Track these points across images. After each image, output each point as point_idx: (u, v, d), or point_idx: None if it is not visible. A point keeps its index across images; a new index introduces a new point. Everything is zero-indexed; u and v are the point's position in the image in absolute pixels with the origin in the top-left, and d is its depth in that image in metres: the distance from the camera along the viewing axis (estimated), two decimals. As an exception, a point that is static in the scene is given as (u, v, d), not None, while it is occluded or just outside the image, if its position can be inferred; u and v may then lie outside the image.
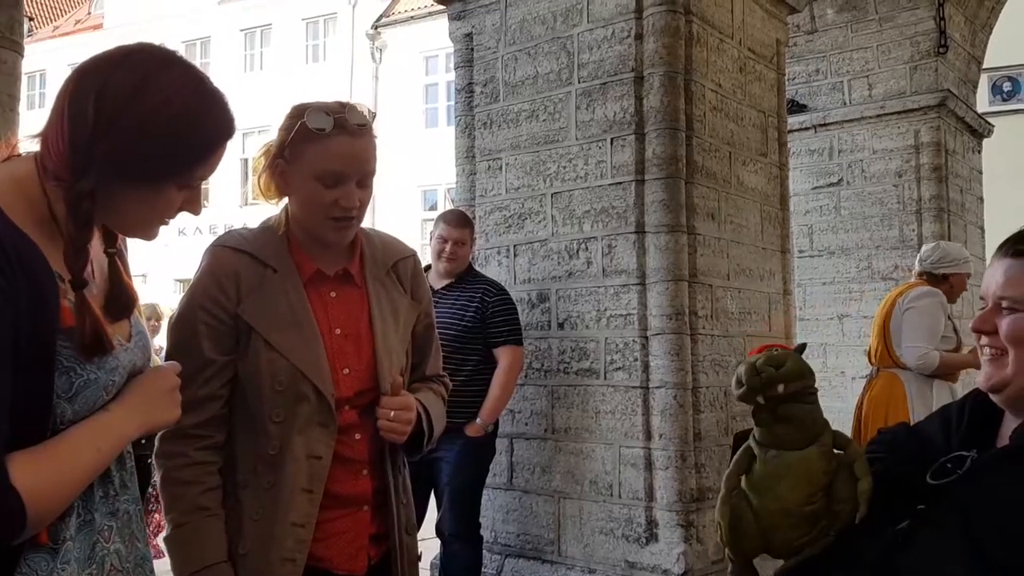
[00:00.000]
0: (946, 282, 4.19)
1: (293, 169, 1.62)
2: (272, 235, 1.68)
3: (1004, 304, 1.19)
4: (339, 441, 1.63)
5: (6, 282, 0.96)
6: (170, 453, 1.57)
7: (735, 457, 1.35)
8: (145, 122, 1.04)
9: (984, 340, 1.22)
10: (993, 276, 1.22)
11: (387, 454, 1.69)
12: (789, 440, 1.28)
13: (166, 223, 1.17)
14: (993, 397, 1.22)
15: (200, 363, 1.57)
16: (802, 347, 1.35)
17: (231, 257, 1.63)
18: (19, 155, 1.11)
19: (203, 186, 1.19)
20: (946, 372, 4.06)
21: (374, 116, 1.66)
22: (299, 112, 1.62)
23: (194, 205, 1.15)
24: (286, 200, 1.70)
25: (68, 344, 1.04)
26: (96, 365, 1.08)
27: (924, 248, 4.44)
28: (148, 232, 1.16)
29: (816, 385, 1.31)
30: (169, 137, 1.05)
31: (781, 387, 1.25)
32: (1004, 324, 1.18)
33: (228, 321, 1.60)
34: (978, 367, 4.14)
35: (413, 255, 1.84)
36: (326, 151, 1.58)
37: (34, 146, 1.09)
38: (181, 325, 1.60)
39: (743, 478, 1.33)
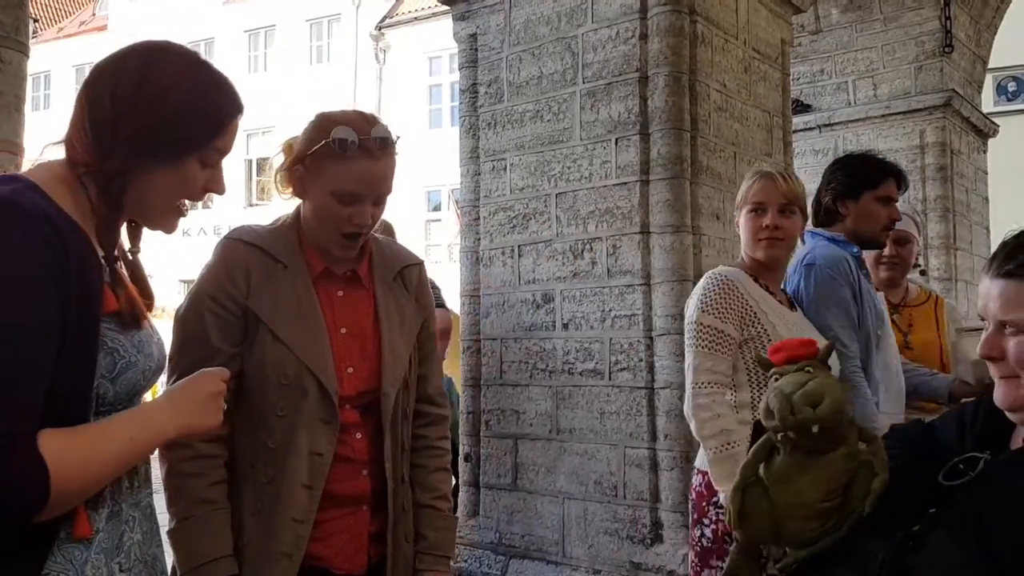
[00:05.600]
0: None
1: (311, 180, 1.64)
2: (284, 232, 1.70)
3: (1008, 327, 1.18)
4: (340, 440, 1.63)
5: (59, 266, 1.02)
6: (175, 445, 1.55)
7: (754, 447, 1.32)
8: (160, 101, 1.14)
9: (995, 364, 1.21)
10: (989, 297, 1.21)
11: (388, 455, 1.69)
12: (816, 449, 1.25)
13: (185, 210, 1.23)
14: (1011, 416, 1.21)
15: (208, 352, 1.57)
16: (829, 350, 1.30)
17: (243, 250, 1.65)
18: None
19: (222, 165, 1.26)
20: None
21: (399, 139, 1.67)
22: (325, 126, 1.62)
23: (217, 183, 1.23)
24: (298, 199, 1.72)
25: (111, 325, 1.11)
26: (136, 348, 1.14)
27: None
28: (170, 218, 1.23)
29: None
30: (186, 112, 1.15)
31: (815, 428, 1.19)
32: (1011, 347, 1.17)
33: (237, 312, 1.61)
34: None
35: (420, 263, 1.86)
36: (346, 172, 1.60)
37: (58, 153, 1.18)
38: (189, 315, 1.61)
39: (761, 465, 1.30)
